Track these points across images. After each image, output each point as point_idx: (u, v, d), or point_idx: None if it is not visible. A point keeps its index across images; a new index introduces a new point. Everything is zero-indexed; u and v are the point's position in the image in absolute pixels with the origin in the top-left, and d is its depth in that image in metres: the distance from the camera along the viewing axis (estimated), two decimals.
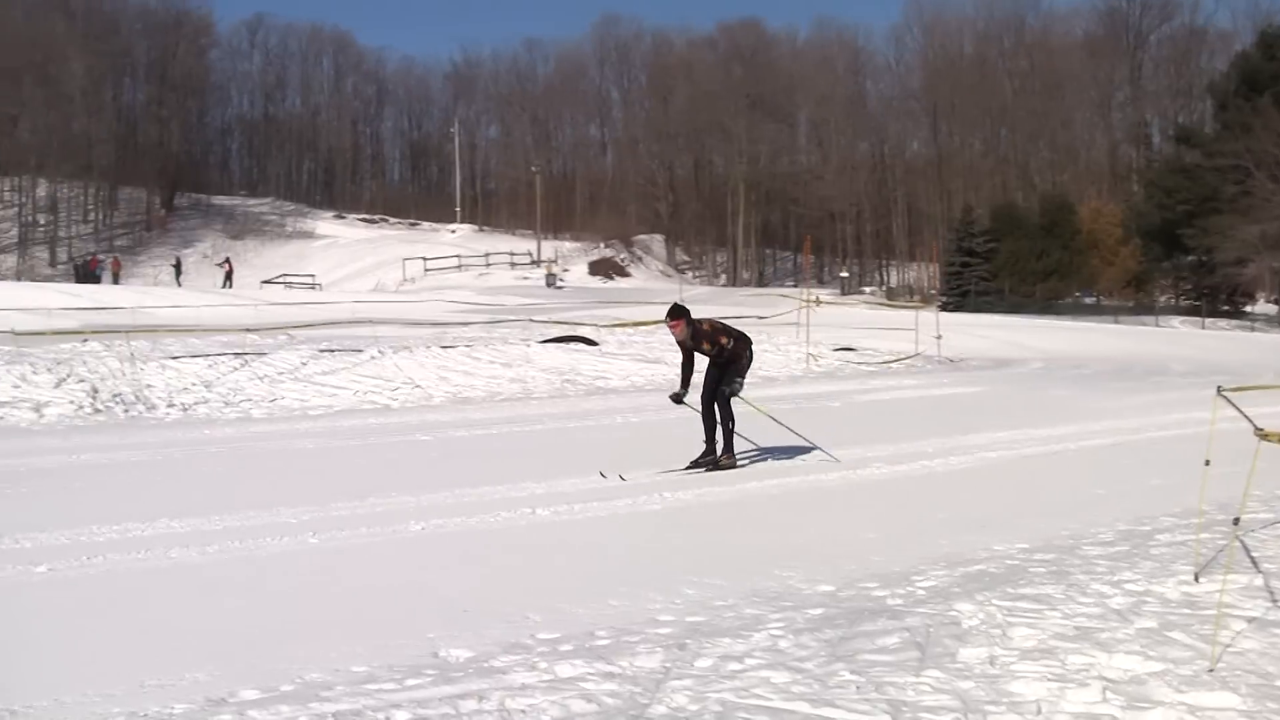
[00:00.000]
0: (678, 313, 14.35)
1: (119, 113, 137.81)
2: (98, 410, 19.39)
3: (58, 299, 45.00)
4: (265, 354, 24.26)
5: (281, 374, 22.69)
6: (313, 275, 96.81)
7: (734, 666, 6.50)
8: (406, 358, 24.65)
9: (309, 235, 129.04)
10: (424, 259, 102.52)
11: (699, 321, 14.43)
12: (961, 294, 73.63)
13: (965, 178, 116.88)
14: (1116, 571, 8.61)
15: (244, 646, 7.01)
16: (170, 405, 20.10)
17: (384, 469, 14.16)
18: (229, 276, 79.69)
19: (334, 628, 7.39)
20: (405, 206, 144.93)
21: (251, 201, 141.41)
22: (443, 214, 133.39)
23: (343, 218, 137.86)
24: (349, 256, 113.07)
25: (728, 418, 14.20)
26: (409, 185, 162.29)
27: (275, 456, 15.45)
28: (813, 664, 6.52)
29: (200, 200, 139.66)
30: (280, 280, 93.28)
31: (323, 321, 37.86)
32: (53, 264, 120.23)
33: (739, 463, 14.28)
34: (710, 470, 13.85)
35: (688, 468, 13.92)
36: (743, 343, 14.49)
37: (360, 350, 25.20)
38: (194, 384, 21.48)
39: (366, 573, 9.00)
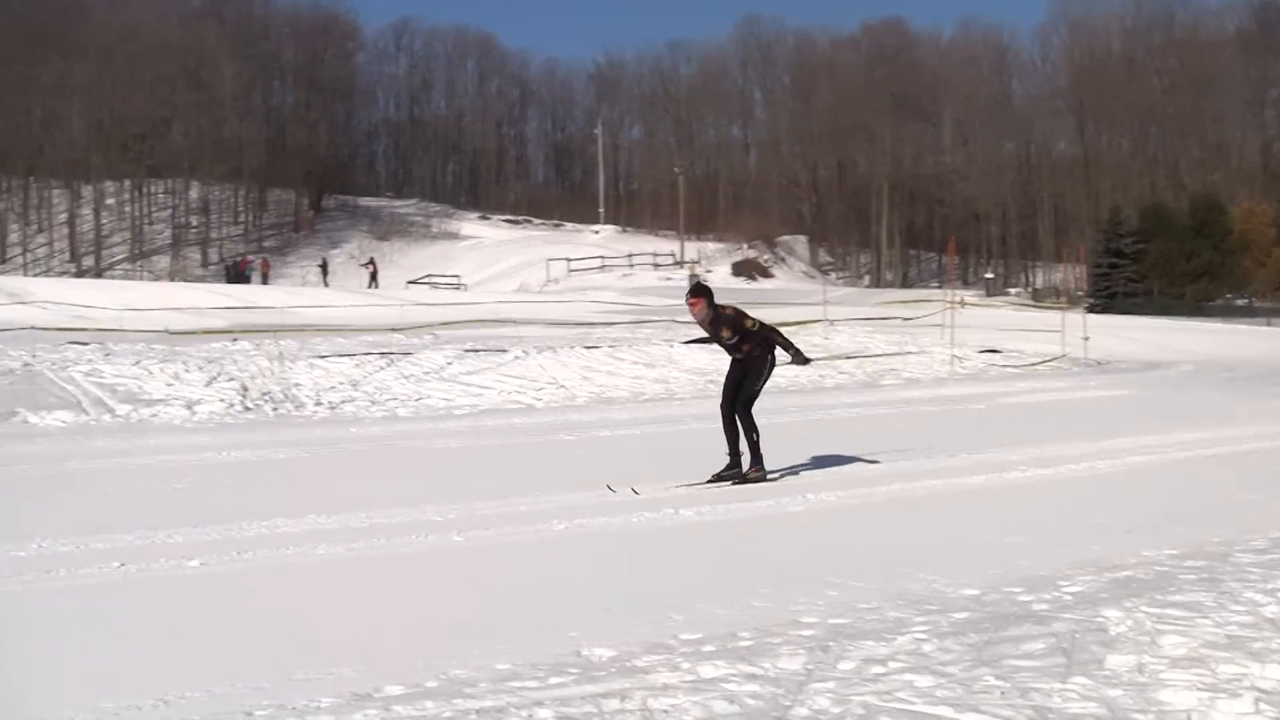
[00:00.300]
0: (699, 291, 13.33)
1: (268, 116, 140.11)
2: (247, 408, 19.71)
3: (209, 299, 45.79)
4: (411, 353, 24.51)
5: (427, 373, 22.91)
6: (457, 276, 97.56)
7: (877, 670, 6.45)
8: (550, 358, 24.78)
9: (454, 236, 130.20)
10: (567, 260, 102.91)
11: (722, 306, 13.35)
12: (1109, 296, 72.59)
13: (1113, 177, 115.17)
14: (1270, 579, 8.41)
15: (389, 643, 7.07)
16: (318, 404, 20.38)
17: (528, 468, 14.23)
18: (374, 277, 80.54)
19: (477, 625, 7.44)
20: (549, 207, 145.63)
21: (397, 203, 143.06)
22: (586, 215, 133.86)
23: (487, 219, 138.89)
24: (493, 257, 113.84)
25: (750, 428, 13.13)
26: (553, 186, 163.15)
27: (420, 455, 15.61)
28: (957, 668, 6.44)
29: (347, 202, 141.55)
30: (425, 281, 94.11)
31: (467, 321, 38.14)
32: (204, 265, 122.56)
33: (770, 475, 13.23)
34: (736, 484, 12.86)
35: (710, 481, 12.93)
36: (766, 346, 13.37)
37: (504, 350, 25.38)
38: (341, 383, 21.77)
39: (510, 571, 9.05)
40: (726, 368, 13.67)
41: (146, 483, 12.98)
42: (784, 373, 24.86)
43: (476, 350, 25.44)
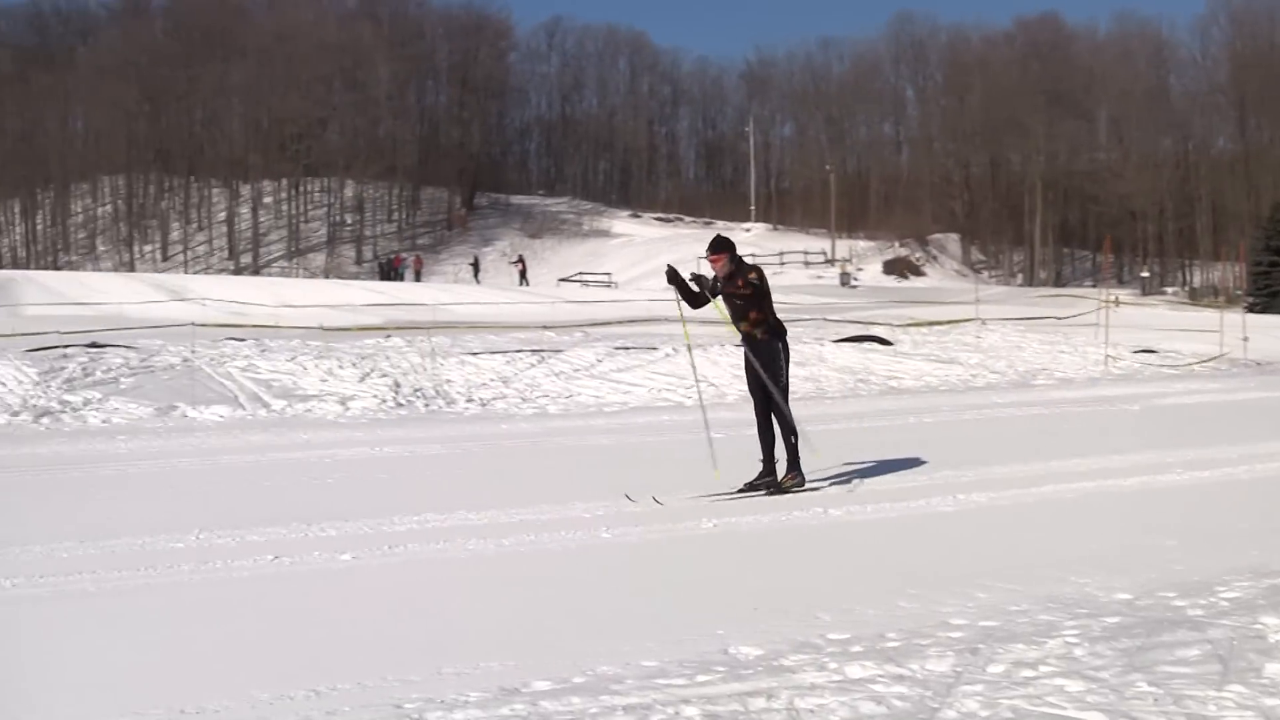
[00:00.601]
0: (721, 245, 12.35)
1: (422, 115, 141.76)
2: (399, 404, 19.94)
3: (363, 296, 46.45)
4: (561, 350, 24.65)
5: (577, 370, 23.03)
6: (608, 273, 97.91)
7: (1027, 673, 6.37)
8: (700, 355, 24.77)
9: (605, 234, 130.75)
10: None
11: (743, 260, 12.37)
12: (1270, 295, 70.93)
13: (1275, 174, 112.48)
14: None
15: (536, 638, 7.12)
16: (469, 400, 20.56)
17: (676, 467, 14.23)
18: (523, 275, 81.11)
19: (624, 622, 7.46)
20: (700, 205, 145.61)
21: (549, 201, 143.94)
22: (737, 213, 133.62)
23: (638, 216, 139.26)
24: (644, 255, 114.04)
25: (788, 430, 12.15)
26: (703, 184, 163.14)
27: (570, 452, 15.68)
28: (1108, 674, 6.35)
29: (499, 200, 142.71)
30: (576, 278, 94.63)
31: (618, 319, 38.28)
32: (358, 262, 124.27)
33: (811, 484, 12.25)
34: (771, 493, 11.89)
35: (740, 491, 11.95)
36: (775, 331, 12.48)
37: (654, 348, 25.43)
38: (492, 379, 21.94)
39: (657, 568, 9.07)
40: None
41: (300, 477, 13.19)
42: (935, 372, 24.70)
43: (627, 348, 25.52)
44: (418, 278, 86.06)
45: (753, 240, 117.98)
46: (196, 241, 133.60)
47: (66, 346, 23.02)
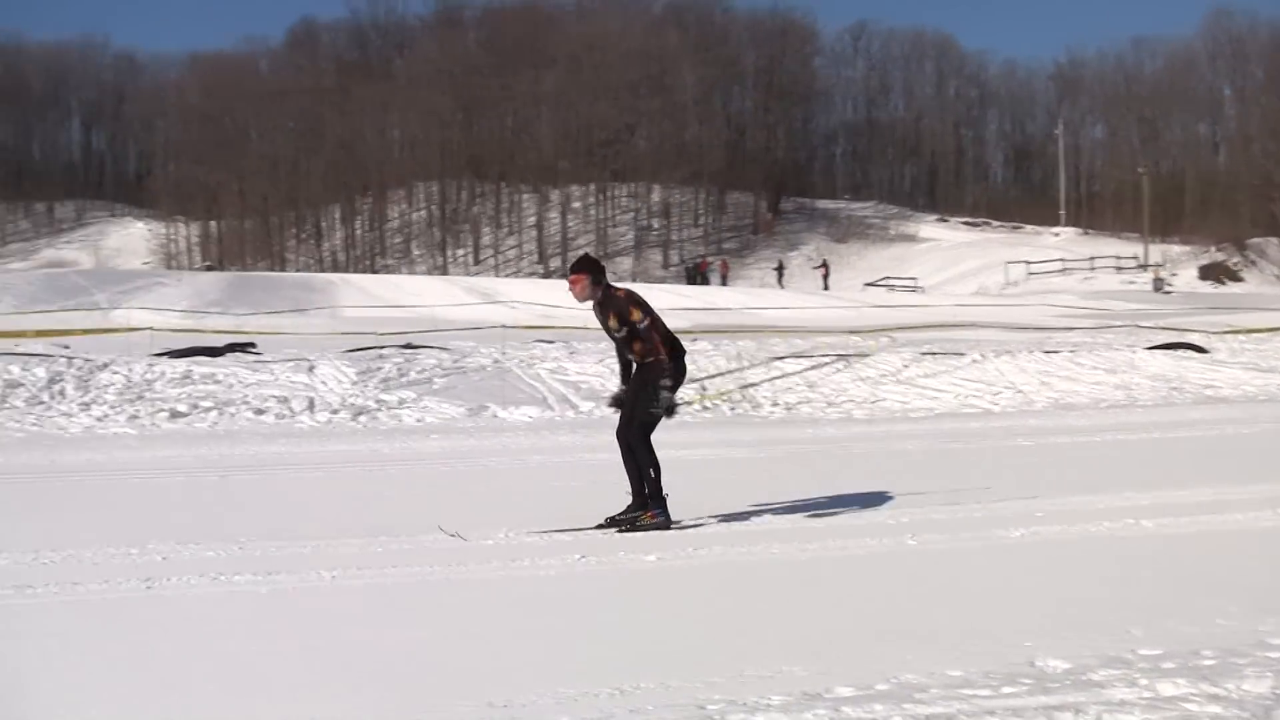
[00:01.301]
0: (582, 265, 10.85)
1: (728, 120, 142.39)
2: (705, 408, 20.06)
3: (669, 299, 46.84)
4: (867, 355, 24.50)
5: (883, 376, 22.86)
6: (914, 278, 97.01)
7: None
8: (1008, 362, 24.36)
9: (911, 239, 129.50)
10: (1026, 262, 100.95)
11: (615, 288, 10.89)
12: None
13: None
14: None
15: (839, 643, 7.08)
16: (774, 404, 20.58)
17: (984, 474, 14.01)
18: (825, 279, 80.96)
19: (927, 630, 7.38)
20: (1007, 209, 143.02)
21: (855, 205, 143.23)
22: (1045, 216, 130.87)
23: (945, 221, 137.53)
24: (950, 260, 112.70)
25: (647, 462, 10.60)
26: (1011, 188, 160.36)
27: (876, 457, 15.56)
28: None
29: (805, 204, 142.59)
30: (882, 283, 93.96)
31: (924, 324, 37.94)
32: (665, 266, 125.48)
33: (678, 521, 10.65)
34: (624, 531, 10.39)
35: (602, 526, 10.54)
36: (665, 356, 10.57)
37: (961, 354, 25.09)
38: (797, 384, 21.92)
39: (961, 577, 8.94)
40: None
41: (605, 478, 13.35)
42: (1254, 381, 23.79)
43: (933, 353, 25.25)
44: (724, 282, 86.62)
45: (1061, 245, 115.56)
46: (507, 246, 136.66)
47: (383, 347, 23.76)
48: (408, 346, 23.94)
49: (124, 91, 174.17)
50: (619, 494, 10.65)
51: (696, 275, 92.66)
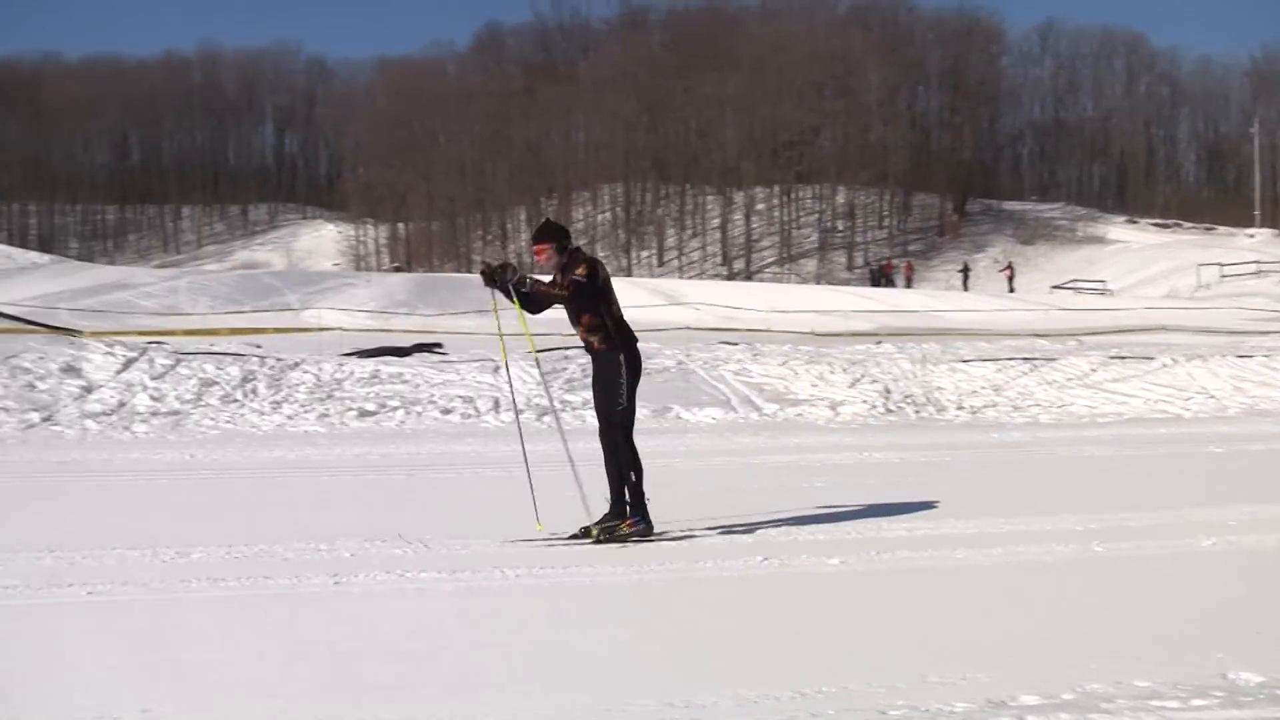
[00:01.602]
0: (545, 232, 10.26)
1: (913, 121, 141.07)
2: (889, 410, 19.94)
3: (853, 302, 46.72)
4: (1054, 359, 24.17)
5: (1070, 380, 22.54)
6: (1103, 281, 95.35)
7: None
8: (1199, 366, 23.85)
9: (1099, 240, 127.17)
10: (1219, 265, 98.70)
11: (579, 250, 10.17)
12: None
13: None
14: None
15: (1023, 650, 7.01)
16: (959, 408, 20.39)
17: (1174, 480, 13.77)
18: (1010, 281, 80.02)
19: (1114, 639, 7.26)
20: (1199, 210, 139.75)
21: (1042, 207, 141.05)
22: (1239, 217, 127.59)
23: (1134, 222, 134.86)
24: (1140, 262, 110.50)
25: (628, 464, 10.12)
26: (1203, 188, 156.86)
27: (1063, 463, 15.36)
28: None
29: (991, 206, 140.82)
30: (1070, 285, 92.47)
31: (1113, 328, 37.32)
32: (849, 268, 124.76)
33: (655, 534, 10.05)
34: (600, 542, 9.84)
35: (574, 536, 9.99)
36: (617, 338, 10.24)
37: (1151, 358, 24.64)
38: (982, 387, 21.70)
39: (1150, 586, 8.77)
40: None
41: (789, 479, 13.35)
42: None
43: (1122, 357, 24.82)
44: (908, 284, 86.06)
45: (1257, 247, 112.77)
46: (691, 248, 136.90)
47: (568, 348, 23.95)
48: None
49: (315, 97, 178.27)
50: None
51: (881, 278, 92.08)
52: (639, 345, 10.46)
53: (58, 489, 12.61)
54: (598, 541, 9.79)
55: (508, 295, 9.93)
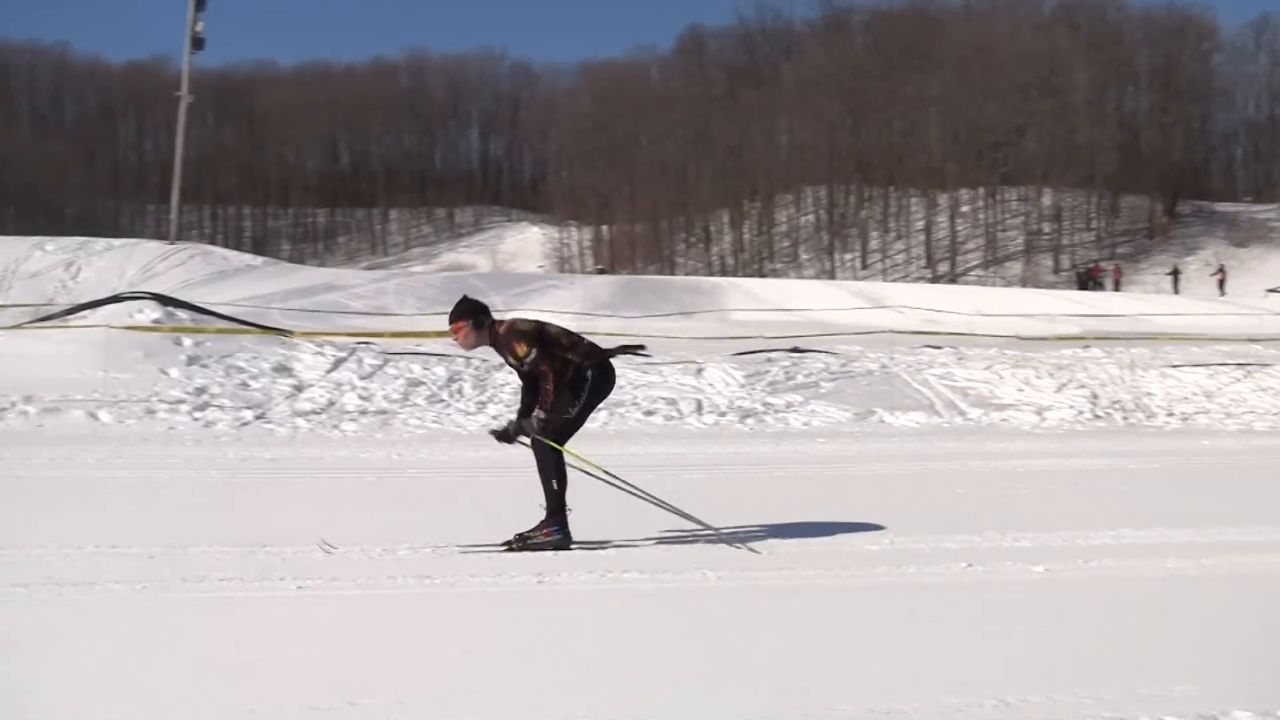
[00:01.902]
0: (459, 312, 9.75)
1: (1121, 121, 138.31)
2: (1097, 416, 19.64)
3: (1060, 305, 45.94)
4: (1269, 365, 23.60)
5: None
6: None
7: None
8: None
9: None
10: None
11: (496, 323, 9.73)
12: None
13: None
14: None
15: (1236, 664, 6.86)
16: (1169, 414, 20.02)
17: None
18: (1221, 285, 78.17)
19: None
20: None
21: (1256, 208, 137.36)
22: None
23: None
24: None
25: (552, 473, 9.63)
26: None
27: (1275, 472, 15.01)
28: None
29: (1202, 207, 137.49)
30: None
31: None
32: (1055, 271, 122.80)
33: (574, 545, 9.65)
34: (514, 549, 9.53)
35: (507, 545, 9.59)
36: (582, 365, 9.76)
37: None
38: (1194, 394, 21.27)
39: None
40: None
41: (993, 486, 13.22)
42: None
43: None
44: (1117, 287, 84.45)
45: None
46: (894, 250, 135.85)
47: (770, 351, 23.98)
48: (795, 350, 24.12)
49: (520, 101, 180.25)
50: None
51: (1088, 280, 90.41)
52: (612, 363, 10.17)
53: (268, 485, 12.95)
54: (512, 550, 9.53)
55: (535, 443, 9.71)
